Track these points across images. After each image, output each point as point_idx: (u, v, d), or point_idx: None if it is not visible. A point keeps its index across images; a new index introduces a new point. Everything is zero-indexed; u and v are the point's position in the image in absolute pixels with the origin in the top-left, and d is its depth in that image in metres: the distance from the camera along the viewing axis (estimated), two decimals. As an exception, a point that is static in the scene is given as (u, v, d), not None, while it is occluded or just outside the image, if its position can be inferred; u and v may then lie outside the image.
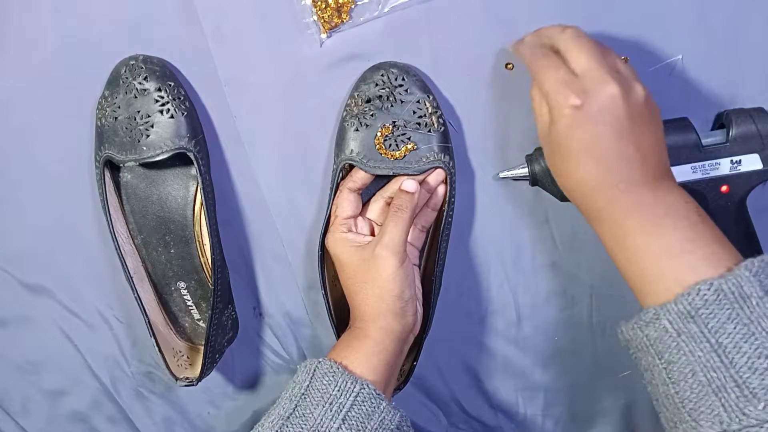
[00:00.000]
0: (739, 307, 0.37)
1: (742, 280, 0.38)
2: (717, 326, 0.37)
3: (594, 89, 0.43)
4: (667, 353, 0.39)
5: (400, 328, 0.52)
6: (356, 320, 0.53)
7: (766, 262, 0.38)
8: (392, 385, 0.53)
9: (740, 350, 0.37)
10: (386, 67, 0.54)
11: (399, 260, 0.51)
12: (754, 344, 0.36)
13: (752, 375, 0.36)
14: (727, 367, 0.37)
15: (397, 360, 0.52)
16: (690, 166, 0.53)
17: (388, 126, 0.53)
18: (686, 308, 0.38)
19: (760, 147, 0.52)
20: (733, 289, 0.38)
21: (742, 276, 0.38)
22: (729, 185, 0.53)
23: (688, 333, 0.38)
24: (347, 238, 0.53)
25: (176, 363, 0.60)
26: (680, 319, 0.38)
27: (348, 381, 0.46)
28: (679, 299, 0.39)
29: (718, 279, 0.38)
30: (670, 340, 0.39)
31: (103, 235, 0.60)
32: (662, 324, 0.39)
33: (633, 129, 0.43)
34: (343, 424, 0.45)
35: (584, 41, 0.45)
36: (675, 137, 0.52)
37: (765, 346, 0.36)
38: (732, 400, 0.36)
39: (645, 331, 0.41)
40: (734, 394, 0.36)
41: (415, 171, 0.54)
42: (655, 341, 0.40)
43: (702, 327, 0.38)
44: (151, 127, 0.53)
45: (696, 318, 0.38)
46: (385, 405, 0.47)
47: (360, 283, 0.52)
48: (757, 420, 0.35)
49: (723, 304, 0.38)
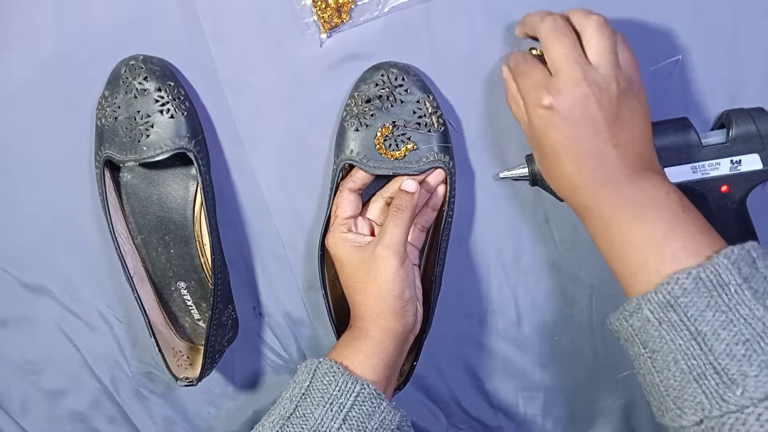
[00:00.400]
0: (717, 294, 0.38)
1: (720, 268, 0.38)
2: (696, 314, 0.38)
3: (565, 89, 0.44)
4: (651, 342, 0.40)
5: (401, 328, 0.52)
6: (357, 320, 0.53)
7: (746, 250, 0.39)
8: (392, 385, 0.53)
9: (719, 337, 0.37)
10: (386, 67, 0.54)
11: (399, 260, 0.51)
12: (732, 331, 0.37)
13: (731, 361, 0.37)
14: (707, 354, 0.37)
15: (398, 360, 0.52)
16: (690, 166, 0.53)
17: (388, 126, 0.53)
18: (666, 297, 0.39)
19: (760, 147, 0.52)
20: (711, 277, 0.38)
21: (721, 264, 0.38)
22: (729, 185, 0.53)
23: (669, 322, 0.39)
24: (347, 238, 0.53)
25: (176, 363, 0.60)
26: (661, 308, 0.39)
27: (348, 381, 0.46)
28: (659, 288, 0.39)
29: (696, 268, 0.38)
30: (652, 329, 0.40)
31: (103, 235, 0.61)
32: (644, 314, 0.40)
33: (610, 125, 0.44)
34: (343, 424, 0.45)
35: (560, 35, 0.45)
36: (675, 137, 0.52)
37: (743, 333, 0.37)
38: (712, 386, 0.37)
39: (629, 321, 0.42)
40: (714, 380, 0.37)
41: (415, 171, 0.54)
42: (639, 331, 0.41)
43: (681, 315, 0.38)
44: (151, 127, 0.53)
45: (675, 307, 0.38)
46: (385, 405, 0.47)
47: (360, 283, 0.52)
48: (737, 406, 0.36)
49: (702, 292, 0.38)
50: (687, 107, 0.55)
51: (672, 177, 0.53)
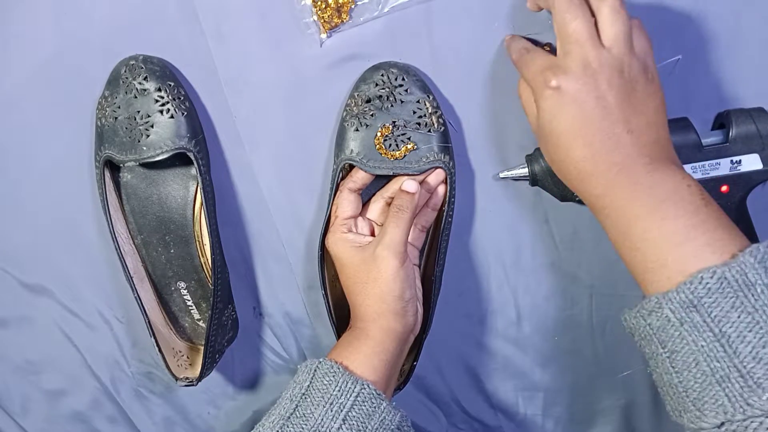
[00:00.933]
0: (744, 295, 0.36)
1: (746, 267, 0.36)
2: (720, 315, 0.36)
3: (573, 69, 0.42)
4: (670, 342, 0.39)
5: (401, 329, 0.52)
6: (357, 320, 0.53)
7: None
8: (393, 385, 0.53)
9: (744, 339, 0.36)
10: (386, 67, 0.53)
11: (400, 261, 0.51)
12: (758, 333, 0.35)
13: (756, 365, 0.35)
14: (731, 357, 0.36)
15: (398, 360, 0.52)
16: (690, 166, 0.53)
17: (388, 126, 0.53)
18: (689, 297, 0.37)
19: (760, 147, 0.52)
20: (737, 276, 0.36)
21: (747, 263, 0.36)
22: (729, 185, 0.53)
23: (691, 322, 0.37)
24: (347, 238, 0.53)
25: (176, 363, 0.60)
26: (683, 308, 0.38)
27: (348, 381, 0.46)
28: (681, 288, 0.38)
29: (721, 266, 0.37)
30: (672, 329, 0.38)
31: (103, 235, 0.60)
32: (664, 313, 0.38)
33: (622, 109, 0.42)
34: (343, 424, 0.45)
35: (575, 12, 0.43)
36: (675, 137, 0.52)
37: None
38: (736, 390, 0.36)
39: (648, 320, 0.40)
40: (738, 384, 0.36)
41: (415, 171, 0.54)
42: (657, 330, 0.39)
43: (705, 316, 0.37)
44: (151, 127, 0.53)
45: (699, 307, 0.37)
46: (385, 405, 0.47)
47: (361, 284, 0.52)
48: (762, 411, 0.35)
49: (726, 292, 0.36)
50: (687, 107, 0.55)
51: None
